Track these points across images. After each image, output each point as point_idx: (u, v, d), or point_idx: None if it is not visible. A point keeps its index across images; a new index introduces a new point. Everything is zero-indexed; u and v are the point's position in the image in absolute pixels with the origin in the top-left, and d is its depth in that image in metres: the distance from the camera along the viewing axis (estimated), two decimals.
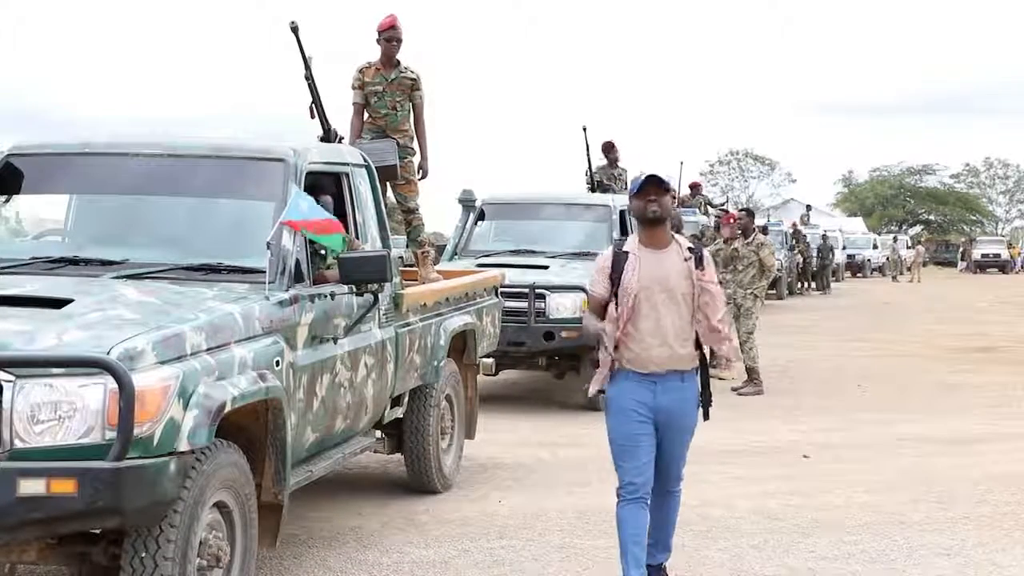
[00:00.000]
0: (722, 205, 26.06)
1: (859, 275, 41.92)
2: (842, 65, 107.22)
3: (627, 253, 4.84)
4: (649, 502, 4.89)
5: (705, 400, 4.95)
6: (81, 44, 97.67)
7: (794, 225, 30.50)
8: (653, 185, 4.81)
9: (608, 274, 4.85)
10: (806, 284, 30.77)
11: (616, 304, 4.82)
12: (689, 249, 4.89)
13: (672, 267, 4.81)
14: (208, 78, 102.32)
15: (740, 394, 11.56)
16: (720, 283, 5.42)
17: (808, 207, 42.00)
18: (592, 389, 5.00)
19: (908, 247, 46.30)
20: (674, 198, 17.93)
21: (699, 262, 4.86)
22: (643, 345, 4.79)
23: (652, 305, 4.77)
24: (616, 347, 4.79)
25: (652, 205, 4.79)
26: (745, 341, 11.81)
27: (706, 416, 4.98)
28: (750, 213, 12.77)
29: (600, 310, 4.90)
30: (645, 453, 4.84)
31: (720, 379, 11.87)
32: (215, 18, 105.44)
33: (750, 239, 12.06)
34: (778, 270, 26.06)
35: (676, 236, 4.94)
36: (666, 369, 4.81)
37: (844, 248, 39.97)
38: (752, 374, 11.79)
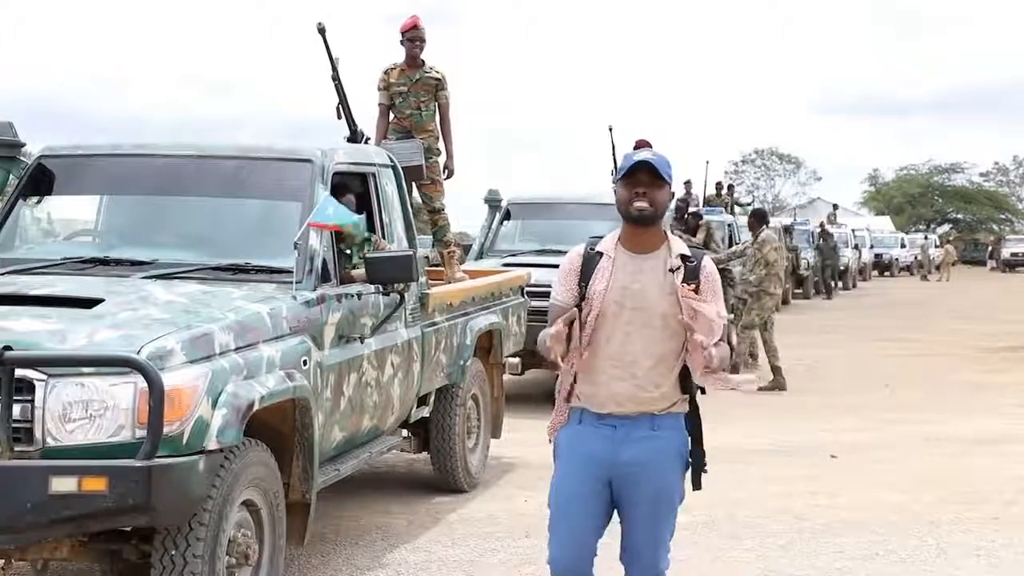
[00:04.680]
0: (749, 204, 25.96)
1: (886, 274, 41.75)
2: (867, 65, 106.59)
3: (600, 254, 3.69)
4: None
5: (697, 461, 3.71)
6: (106, 47, 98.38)
7: (821, 224, 30.34)
8: (645, 172, 3.60)
9: (577, 279, 3.69)
10: (833, 283, 30.63)
11: (580, 319, 3.64)
12: (682, 256, 3.64)
13: (652, 279, 3.62)
14: (234, 79, 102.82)
15: (760, 389, 11.68)
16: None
17: (835, 206, 41.75)
18: (549, 434, 3.82)
19: (936, 246, 45.94)
20: (689, 194, 17.93)
21: (691, 275, 3.61)
22: (601, 376, 3.64)
23: (618, 324, 3.60)
24: (573, 379, 3.69)
25: (641, 201, 3.60)
26: (743, 335, 12.33)
27: (696, 484, 3.75)
28: (756, 214, 12.92)
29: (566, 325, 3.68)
30: (583, 522, 3.64)
31: (731, 389, 11.93)
32: (240, 19, 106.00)
33: (756, 238, 12.26)
34: (804, 269, 26.14)
35: (671, 237, 3.73)
36: (630, 411, 3.63)
37: (872, 247, 39.78)
38: (775, 372, 11.83)
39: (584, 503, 3.65)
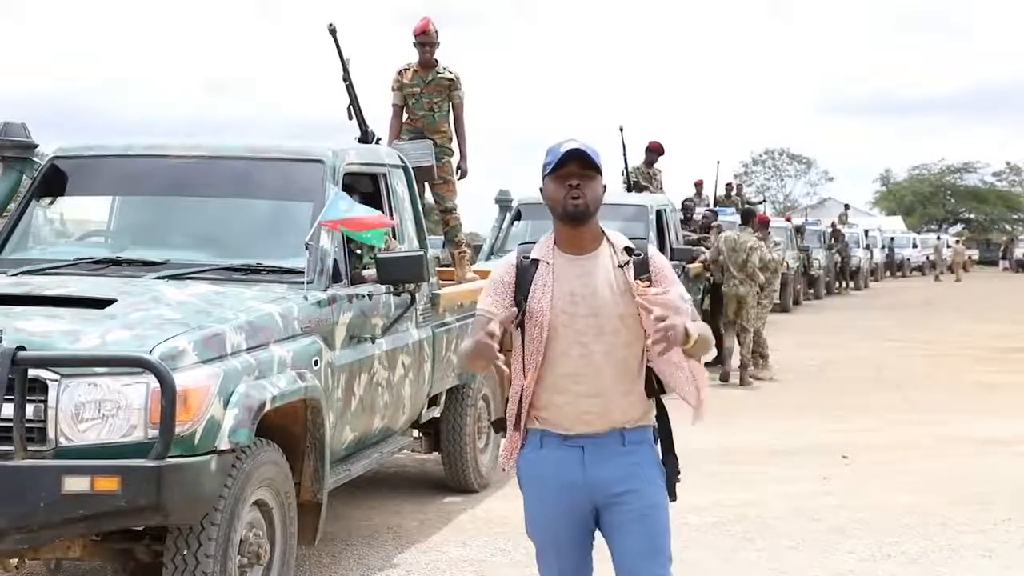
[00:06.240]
0: (761, 203, 25.98)
1: (898, 274, 41.71)
2: (877, 64, 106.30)
3: (536, 262, 3.30)
4: None
5: (670, 471, 3.35)
6: (106, 47, 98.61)
7: (832, 224, 30.32)
8: (576, 162, 3.23)
9: (512, 291, 3.29)
10: (844, 283, 30.64)
11: (522, 336, 3.28)
12: (627, 250, 3.33)
13: (602, 279, 3.27)
14: (234, 79, 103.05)
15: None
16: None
17: (846, 206, 41.68)
18: (504, 463, 3.51)
19: (948, 246, 45.88)
20: (700, 195, 18.43)
21: (641, 268, 3.30)
22: (564, 394, 3.26)
23: (575, 335, 3.24)
24: (531, 401, 3.30)
25: (575, 195, 3.22)
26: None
27: (672, 495, 3.36)
28: (741, 214, 13.80)
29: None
30: (572, 558, 3.36)
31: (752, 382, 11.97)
32: (240, 19, 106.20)
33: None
34: (816, 269, 26.16)
35: (608, 233, 3.38)
36: (600, 429, 3.27)
37: (883, 247, 39.78)
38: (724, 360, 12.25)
39: (560, 535, 3.36)
